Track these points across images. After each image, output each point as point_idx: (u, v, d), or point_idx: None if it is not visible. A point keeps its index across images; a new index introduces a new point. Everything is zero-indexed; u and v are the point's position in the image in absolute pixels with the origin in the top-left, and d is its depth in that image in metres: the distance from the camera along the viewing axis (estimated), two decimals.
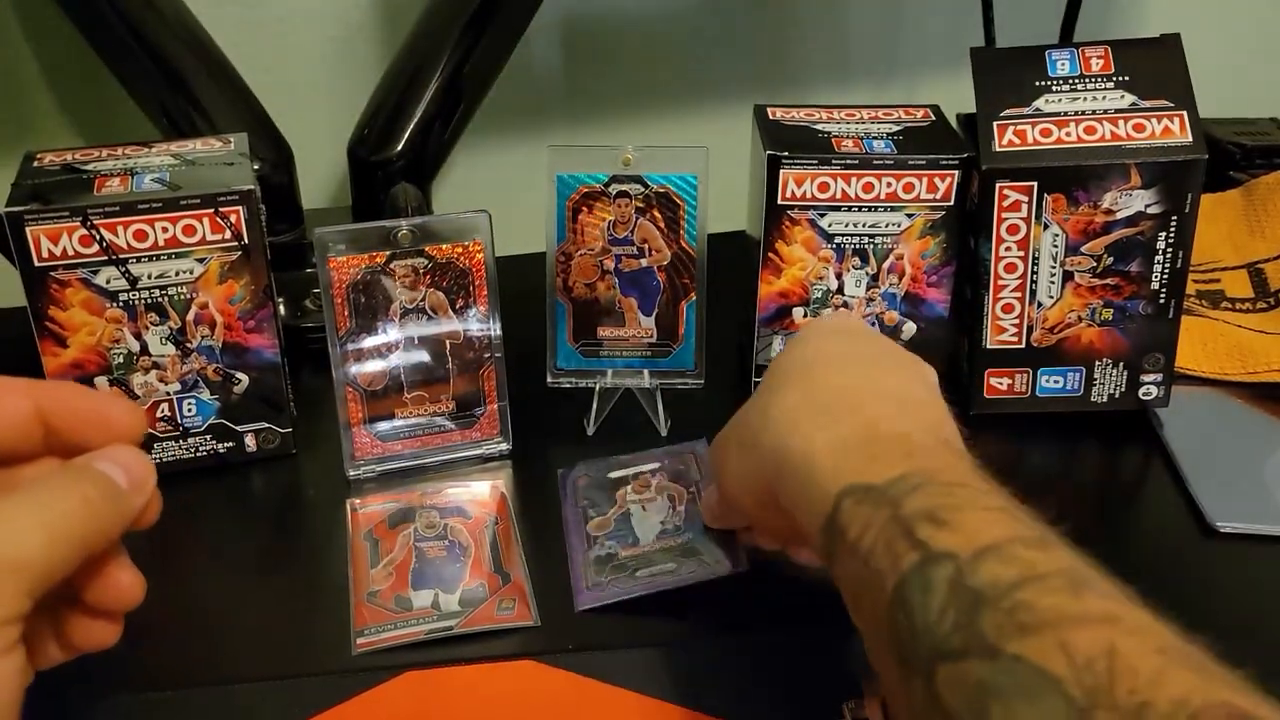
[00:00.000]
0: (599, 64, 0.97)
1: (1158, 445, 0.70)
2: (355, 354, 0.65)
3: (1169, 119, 0.66)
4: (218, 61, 0.80)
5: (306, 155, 0.85)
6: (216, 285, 0.64)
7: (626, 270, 0.69)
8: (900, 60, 1.03)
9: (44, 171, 0.64)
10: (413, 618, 0.56)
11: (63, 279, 0.61)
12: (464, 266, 0.65)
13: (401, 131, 0.82)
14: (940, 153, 0.68)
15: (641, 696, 0.52)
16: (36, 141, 0.80)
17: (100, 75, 0.80)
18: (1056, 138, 0.66)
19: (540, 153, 0.67)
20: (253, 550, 0.63)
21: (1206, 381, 0.74)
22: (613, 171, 0.68)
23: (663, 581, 0.57)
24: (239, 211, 0.63)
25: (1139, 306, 0.68)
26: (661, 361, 0.71)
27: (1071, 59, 0.68)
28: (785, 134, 0.69)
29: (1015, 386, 0.71)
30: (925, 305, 0.71)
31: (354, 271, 0.63)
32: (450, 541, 0.61)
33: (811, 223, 0.69)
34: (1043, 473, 0.69)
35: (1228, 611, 0.58)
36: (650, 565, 0.58)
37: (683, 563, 0.58)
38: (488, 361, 0.67)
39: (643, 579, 0.58)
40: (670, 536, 0.61)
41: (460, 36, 0.81)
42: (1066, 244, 0.67)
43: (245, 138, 0.69)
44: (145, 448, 0.65)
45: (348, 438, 0.66)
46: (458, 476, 0.67)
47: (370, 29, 0.90)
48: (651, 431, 0.70)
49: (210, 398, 0.66)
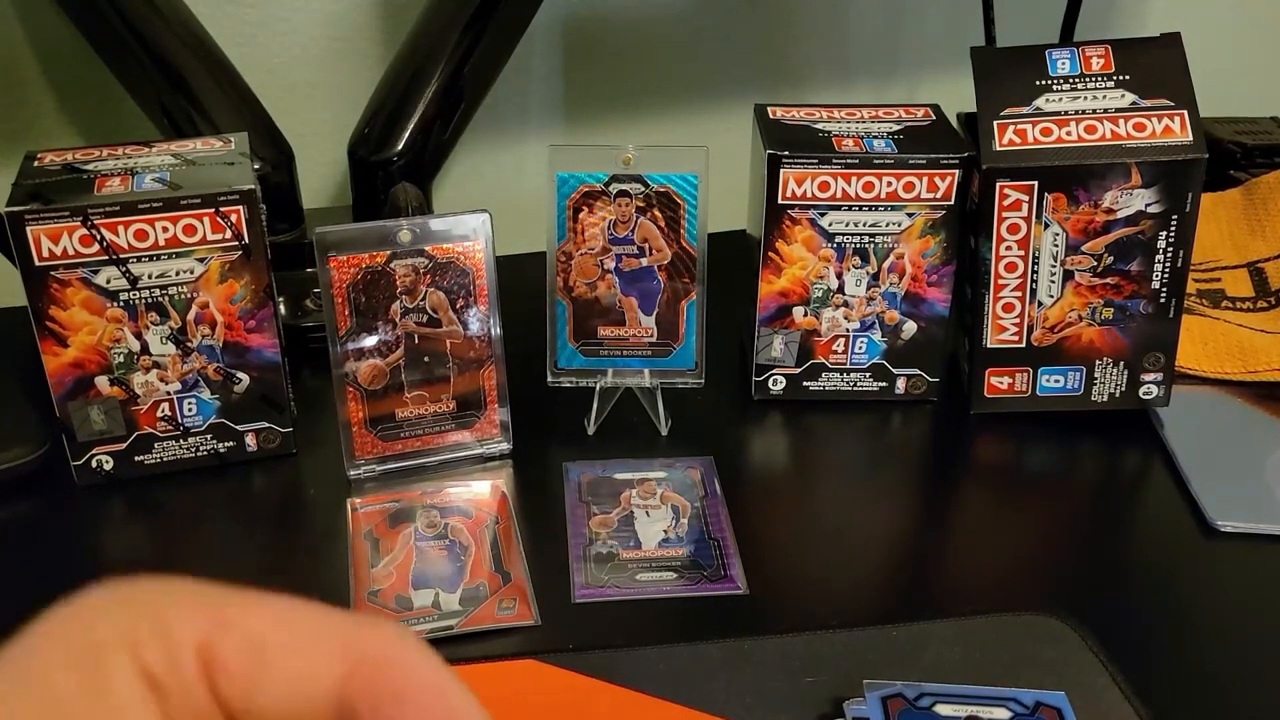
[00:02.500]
0: (599, 64, 0.97)
1: (1158, 445, 0.70)
2: (355, 353, 0.65)
3: (1169, 118, 0.66)
4: (218, 61, 0.80)
5: (307, 155, 0.85)
6: (217, 285, 0.64)
7: (627, 270, 0.69)
8: (900, 60, 1.03)
9: (44, 171, 0.64)
10: (413, 617, 0.56)
11: (63, 278, 0.61)
12: (464, 266, 0.65)
13: (402, 131, 0.82)
14: (941, 152, 0.68)
15: (641, 696, 0.52)
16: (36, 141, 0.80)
17: (100, 75, 0.80)
18: (1057, 137, 0.66)
19: (540, 152, 0.68)
20: (253, 550, 0.63)
21: (1207, 381, 0.74)
22: (613, 171, 0.68)
23: (662, 589, 0.57)
24: (239, 211, 0.63)
25: (1139, 306, 0.68)
26: (662, 361, 0.71)
27: (1072, 58, 0.68)
28: (786, 133, 0.69)
29: (1016, 386, 0.71)
30: (926, 304, 0.71)
31: (354, 271, 0.63)
32: (451, 541, 0.61)
33: (812, 222, 0.69)
34: (1043, 473, 0.69)
35: (1228, 611, 0.58)
36: (650, 572, 0.59)
37: (684, 574, 0.59)
38: (488, 361, 0.67)
39: (642, 584, 0.58)
40: (672, 546, 0.61)
41: (460, 36, 0.81)
42: (1067, 243, 0.67)
43: (246, 137, 0.69)
44: (146, 448, 0.66)
45: (348, 437, 0.66)
46: (458, 476, 0.67)
47: (370, 29, 0.90)
48: (652, 431, 0.70)
49: (211, 397, 0.66)
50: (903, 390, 0.73)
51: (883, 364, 0.73)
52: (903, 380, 0.73)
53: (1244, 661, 0.55)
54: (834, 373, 0.73)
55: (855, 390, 0.73)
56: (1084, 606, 0.57)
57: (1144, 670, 0.53)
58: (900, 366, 0.73)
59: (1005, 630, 0.55)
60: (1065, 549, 0.63)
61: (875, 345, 0.72)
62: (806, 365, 0.73)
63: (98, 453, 0.65)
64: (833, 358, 0.72)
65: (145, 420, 0.65)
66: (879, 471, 0.70)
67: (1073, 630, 0.55)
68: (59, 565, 0.61)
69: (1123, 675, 0.52)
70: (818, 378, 0.73)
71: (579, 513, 0.63)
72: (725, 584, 0.58)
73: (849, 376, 0.73)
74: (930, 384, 0.73)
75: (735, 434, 0.72)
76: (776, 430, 0.73)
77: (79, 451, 0.65)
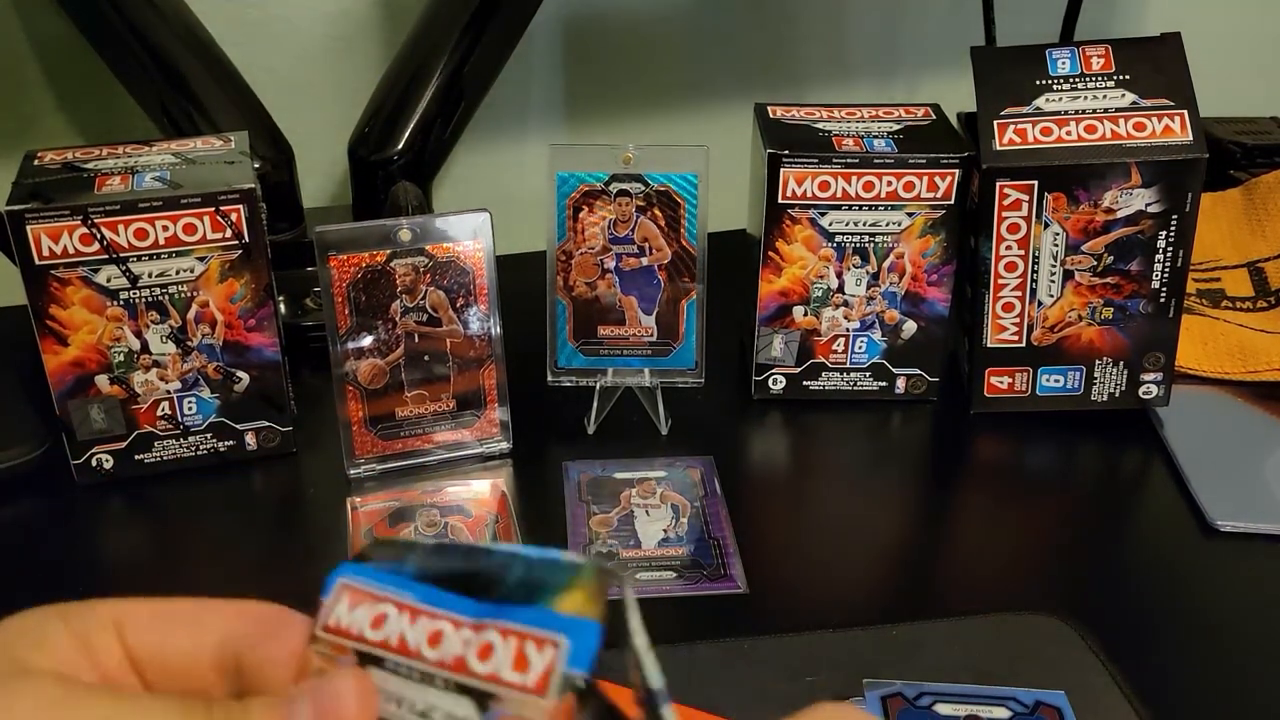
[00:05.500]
0: (599, 64, 0.97)
1: (1158, 445, 0.70)
2: (355, 353, 0.65)
3: (1169, 118, 0.66)
4: (218, 61, 0.80)
5: (307, 154, 0.85)
6: (217, 284, 0.64)
7: (627, 269, 0.69)
8: (900, 59, 1.03)
9: (44, 170, 0.64)
10: None
11: (63, 277, 0.61)
12: (464, 266, 0.65)
13: (402, 130, 0.82)
14: (941, 152, 0.68)
15: None
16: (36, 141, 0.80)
17: (100, 75, 0.80)
18: (1057, 136, 0.66)
19: (540, 152, 0.67)
20: (253, 549, 0.63)
21: (1207, 381, 0.74)
22: (613, 170, 0.68)
23: (662, 589, 0.57)
24: (240, 210, 0.63)
25: (1139, 305, 0.68)
26: (662, 360, 0.71)
27: (1072, 58, 0.68)
28: (786, 133, 0.69)
29: (1016, 385, 0.71)
30: (926, 304, 0.71)
31: (354, 270, 0.63)
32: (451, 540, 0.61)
33: (812, 221, 0.69)
34: (1043, 472, 0.69)
35: (1228, 611, 0.58)
36: (650, 571, 0.59)
37: (683, 574, 0.59)
38: (488, 360, 0.67)
39: (642, 583, 0.58)
40: (672, 546, 0.61)
41: (460, 36, 0.81)
42: (1067, 243, 0.67)
43: (246, 136, 0.69)
44: (146, 446, 0.66)
45: (348, 436, 0.66)
46: (458, 475, 0.67)
47: (370, 28, 0.90)
48: (652, 431, 0.70)
49: (211, 396, 0.66)
50: (903, 390, 0.73)
51: (883, 364, 0.73)
52: (903, 380, 0.73)
53: (1244, 661, 0.55)
54: (834, 372, 0.73)
55: (855, 390, 0.73)
56: (1084, 606, 0.57)
57: (1144, 670, 0.53)
58: (900, 366, 0.73)
59: (1005, 630, 0.55)
60: (1065, 549, 0.63)
61: (875, 345, 0.72)
62: (806, 365, 0.73)
63: (98, 452, 0.65)
64: (833, 357, 0.72)
65: (145, 419, 0.65)
66: (879, 471, 0.70)
67: (1073, 630, 0.55)
68: (59, 564, 0.61)
69: (1123, 675, 0.52)
70: (818, 377, 0.73)
71: (579, 512, 0.63)
72: (725, 583, 0.58)
73: (849, 376, 0.73)
74: (930, 384, 0.73)
75: (735, 434, 0.72)
76: (776, 430, 0.73)
77: (79, 450, 0.65)
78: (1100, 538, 0.64)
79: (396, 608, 0.29)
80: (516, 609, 0.27)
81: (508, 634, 0.27)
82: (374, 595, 0.29)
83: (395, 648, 0.28)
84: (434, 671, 0.27)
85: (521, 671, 0.26)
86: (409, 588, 0.29)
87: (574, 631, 0.27)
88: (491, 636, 0.27)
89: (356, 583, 0.29)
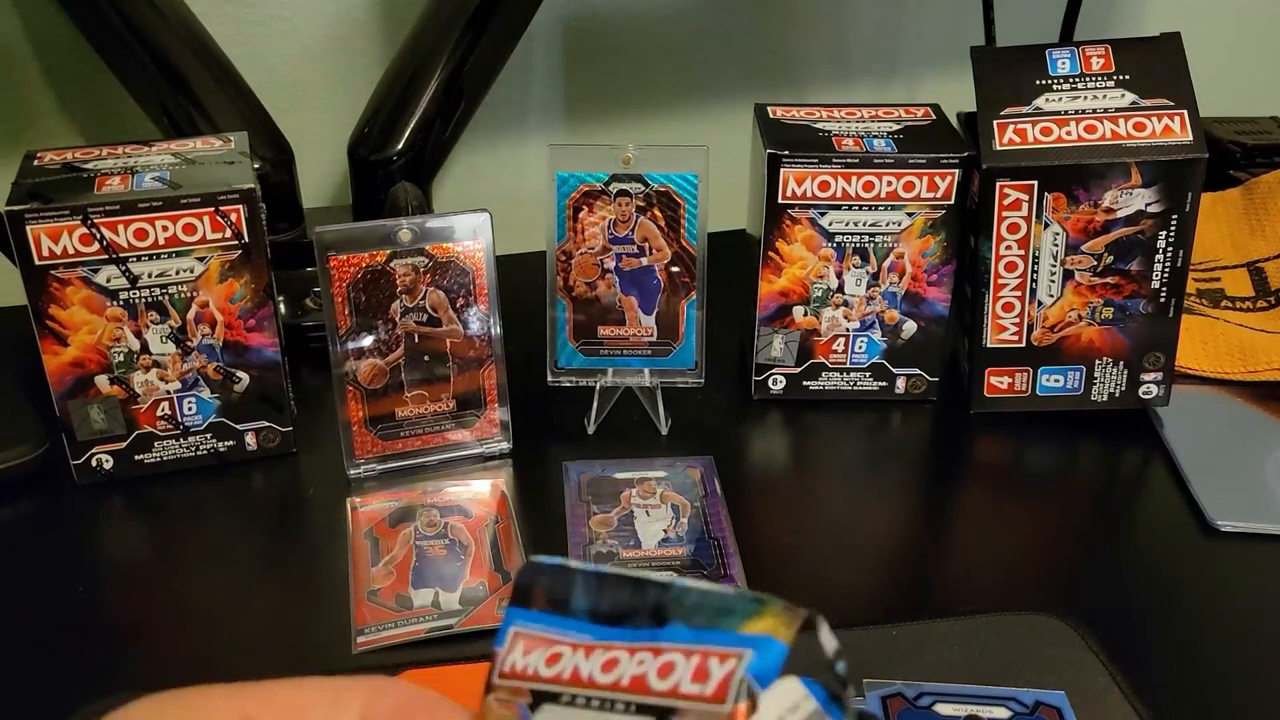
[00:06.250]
0: (599, 64, 0.97)
1: (1158, 445, 0.70)
2: (355, 353, 0.65)
3: (1169, 118, 0.66)
4: (218, 61, 0.80)
5: (307, 154, 0.85)
6: (217, 284, 0.64)
7: (627, 269, 0.69)
8: (900, 59, 1.03)
9: (44, 170, 0.64)
10: (413, 616, 0.56)
11: (63, 277, 0.61)
12: (464, 266, 0.65)
13: (402, 130, 0.82)
14: (941, 151, 0.68)
15: None
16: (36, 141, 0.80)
17: (100, 75, 0.80)
18: (1057, 136, 0.66)
19: (540, 152, 0.67)
20: (253, 549, 0.63)
21: (1207, 381, 0.74)
22: (613, 170, 0.68)
23: None
24: (239, 210, 0.63)
25: (1139, 305, 0.68)
26: (662, 360, 0.71)
27: (1072, 58, 0.68)
28: (786, 133, 0.69)
29: (1015, 385, 0.71)
30: (926, 304, 0.71)
31: (354, 270, 0.63)
32: (451, 540, 0.61)
33: (812, 221, 0.69)
34: (1043, 472, 0.69)
35: (1228, 611, 0.58)
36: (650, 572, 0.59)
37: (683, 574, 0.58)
38: (488, 360, 0.67)
39: None
40: (672, 546, 0.61)
41: (460, 36, 0.81)
42: (1067, 243, 0.67)
43: (245, 137, 0.69)
44: (146, 447, 0.66)
45: (348, 436, 0.66)
46: (458, 475, 0.67)
47: (370, 28, 0.90)
48: (652, 431, 0.70)
49: (211, 396, 0.66)
50: (903, 390, 0.73)
51: (883, 364, 0.73)
52: (903, 380, 0.73)
53: (1244, 661, 0.55)
54: (834, 372, 0.73)
55: (855, 390, 0.73)
56: (1084, 606, 0.57)
57: (1144, 670, 0.53)
58: (900, 366, 0.73)
59: (1005, 630, 0.55)
60: (1065, 549, 0.63)
61: (875, 345, 0.72)
62: (806, 365, 0.73)
63: (98, 452, 0.65)
64: (832, 357, 0.72)
65: (145, 419, 0.65)
66: (879, 471, 0.70)
67: (1073, 630, 0.55)
68: (59, 565, 0.61)
69: (1123, 675, 0.52)
70: (818, 377, 0.73)
71: (579, 512, 0.63)
72: (725, 583, 0.58)
73: (849, 376, 0.73)
74: (930, 384, 0.73)
75: (735, 434, 0.72)
76: (776, 430, 0.73)
77: (79, 451, 0.65)
78: (1100, 538, 0.64)
79: (571, 648, 0.29)
80: (699, 633, 0.27)
81: (690, 653, 0.27)
82: (547, 640, 0.29)
83: (569, 680, 0.28)
84: (612, 696, 0.27)
85: (701, 682, 0.26)
86: (583, 629, 0.29)
87: (760, 647, 0.27)
88: (673, 656, 0.27)
89: (530, 629, 0.29)
